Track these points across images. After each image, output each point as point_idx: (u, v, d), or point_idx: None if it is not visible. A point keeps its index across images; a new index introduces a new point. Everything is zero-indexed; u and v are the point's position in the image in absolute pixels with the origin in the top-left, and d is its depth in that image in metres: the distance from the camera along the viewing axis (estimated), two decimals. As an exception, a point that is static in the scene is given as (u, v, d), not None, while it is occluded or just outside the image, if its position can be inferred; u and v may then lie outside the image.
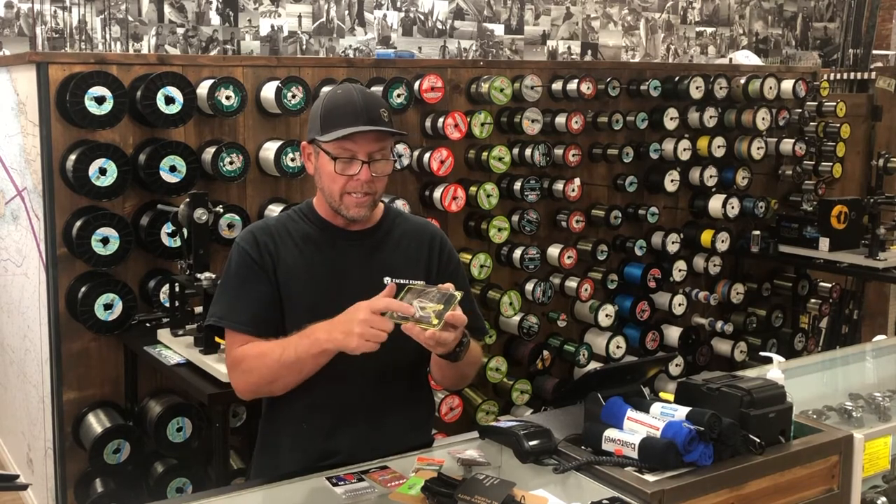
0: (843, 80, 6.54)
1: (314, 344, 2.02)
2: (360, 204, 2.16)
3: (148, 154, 3.50)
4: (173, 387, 3.59)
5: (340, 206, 2.17)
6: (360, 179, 2.13)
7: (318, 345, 2.02)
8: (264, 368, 2.11)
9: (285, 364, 2.07)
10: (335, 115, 2.13)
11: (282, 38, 5.98)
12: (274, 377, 2.11)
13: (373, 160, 2.13)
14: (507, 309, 4.24)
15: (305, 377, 2.11)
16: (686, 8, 7.78)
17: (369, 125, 2.11)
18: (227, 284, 2.23)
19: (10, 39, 5.18)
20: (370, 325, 1.92)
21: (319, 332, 2.02)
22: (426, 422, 2.40)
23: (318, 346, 2.02)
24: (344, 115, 2.12)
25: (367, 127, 2.10)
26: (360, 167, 2.12)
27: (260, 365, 2.12)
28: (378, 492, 1.95)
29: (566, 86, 4.42)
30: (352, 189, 2.14)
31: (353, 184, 2.13)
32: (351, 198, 2.15)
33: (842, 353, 3.64)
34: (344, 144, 2.12)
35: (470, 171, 4.30)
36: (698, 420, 1.91)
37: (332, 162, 2.13)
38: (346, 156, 2.12)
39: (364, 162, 2.12)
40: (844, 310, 5.40)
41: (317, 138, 2.15)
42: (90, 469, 3.56)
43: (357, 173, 2.12)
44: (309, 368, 2.08)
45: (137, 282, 3.64)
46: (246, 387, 2.19)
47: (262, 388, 2.18)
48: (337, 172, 2.13)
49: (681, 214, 5.02)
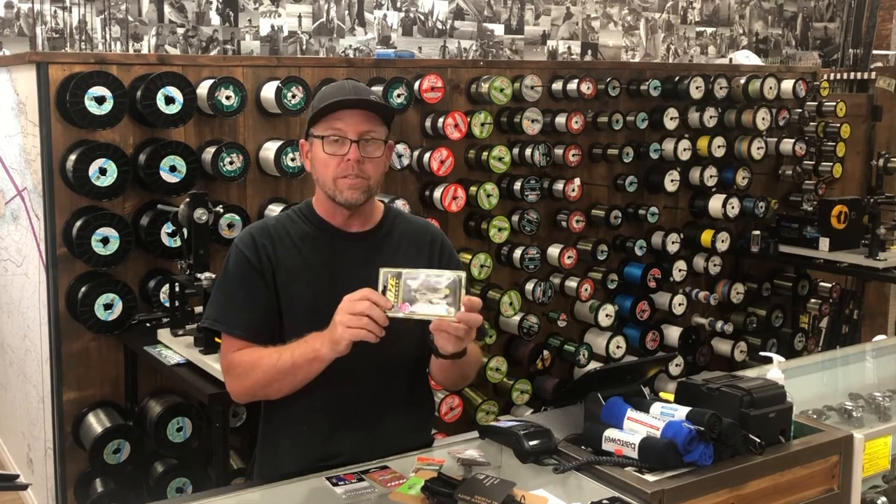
0: (843, 80, 6.54)
1: (309, 350, 2.03)
2: (353, 187, 2.15)
3: (148, 154, 3.50)
4: (173, 387, 3.59)
5: (335, 192, 2.16)
6: (350, 159, 2.12)
7: (312, 350, 2.02)
8: (259, 373, 2.11)
9: (281, 369, 2.08)
10: (324, 101, 2.16)
11: (282, 38, 5.98)
12: (268, 382, 2.11)
13: (363, 140, 2.13)
14: (507, 309, 4.24)
15: (300, 384, 2.10)
16: (686, 8, 7.78)
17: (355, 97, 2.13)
18: (224, 287, 2.22)
19: (10, 39, 5.18)
20: (349, 312, 1.93)
21: (314, 339, 2.03)
22: (426, 422, 2.40)
23: (312, 351, 2.02)
24: (332, 97, 2.15)
25: (352, 97, 2.12)
26: (350, 146, 2.12)
27: (255, 369, 2.12)
28: (378, 492, 1.95)
29: (566, 86, 4.42)
30: (343, 172, 2.13)
31: (343, 165, 2.13)
32: (344, 181, 2.15)
33: (842, 353, 3.64)
34: (333, 124, 2.13)
35: (470, 171, 4.30)
36: (698, 420, 1.91)
37: (322, 145, 2.14)
38: (335, 136, 2.13)
39: (353, 141, 2.12)
40: (844, 310, 5.40)
41: (310, 129, 2.18)
42: (90, 469, 3.56)
43: (346, 153, 2.12)
44: (303, 374, 2.08)
45: (137, 282, 3.64)
46: (241, 390, 2.19)
47: (258, 392, 2.17)
48: (327, 153, 2.13)
49: (681, 214, 5.02)
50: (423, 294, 1.93)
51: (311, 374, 2.07)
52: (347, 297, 1.97)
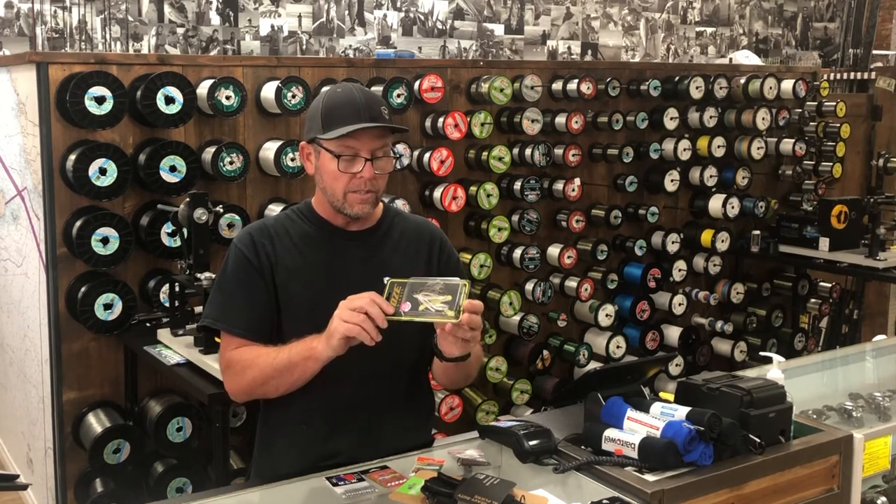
0: (843, 80, 6.54)
1: (305, 348, 2.04)
2: (364, 201, 2.16)
3: (148, 154, 3.50)
4: (173, 387, 3.59)
5: (344, 205, 2.17)
6: (364, 177, 2.13)
7: (308, 349, 2.03)
8: (256, 371, 2.12)
9: (277, 367, 2.09)
10: (337, 114, 2.13)
11: (282, 38, 5.98)
12: (265, 380, 2.12)
13: (375, 157, 2.13)
14: (507, 309, 4.24)
15: (297, 383, 2.11)
16: (686, 8, 7.78)
17: (371, 122, 2.11)
18: (223, 286, 2.23)
19: (10, 39, 5.18)
20: (348, 307, 1.95)
21: (312, 338, 2.04)
22: (426, 422, 2.40)
23: (308, 349, 2.03)
24: (346, 114, 2.12)
25: (370, 124, 2.10)
26: (364, 165, 2.12)
27: (252, 367, 2.13)
28: (378, 492, 1.95)
29: (566, 86, 4.42)
30: (355, 187, 2.14)
31: (356, 182, 2.13)
32: (355, 196, 2.15)
33: (842, 353, 3.64)
34: (346, 142, 2.12)
35: (470, 171, 4.30)
36: (698, 420, 1.91)
37: (334, 160, 2.13)
38: (349, 154, 2.12)
39: (367, 159, 2.12)
40: (844, 310, 5.40)
41: (318, 137, 2.15)
42: (90, 469, 3.56)
43: (360, 171, 2.12)
44: (300, 373, 2.08)
45: (137, 282, 3.64)
46: (238, 388, 2.20)
47: (255, 391, 2.18)
48: (340, 171, 2.13)
49: (681, 214, 5.02)
50: (426, 296, 1.94)
51: (308, 372, 2.07)
52: (350, 297, 1.98)
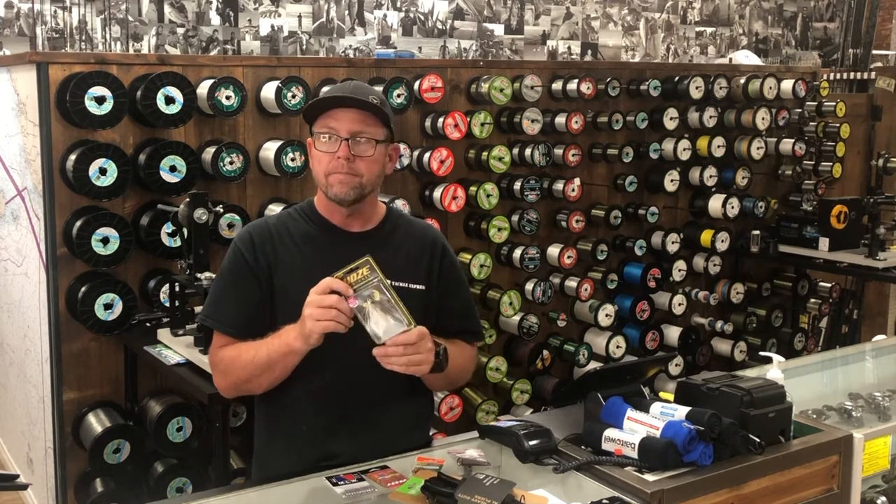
0: (843, 80, 6.54)
1: (282, 344, 2.08)
2: (343, 182, 2.17)
3: (148, 154, 3.50)
4: (173, 387, 3.59)
5: (327, 188, 2.20)
6: (340, 156, 2.14)
7: (285, 345, 2.07)
8: (239, 369, 2.16)
9: (258, 365, 2.12)
10: (324, 97, 2.20)
11: (282, 38, 5.98)
12: (248, 377, 2.16)
13: (354, 139, 2.15)
14: (507, 309, 4.24)
15: (280, 377, 2.15)
16: (686, 8, 7.78)
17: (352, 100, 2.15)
18: (219, 284, 2.28)
19: (10, 39, 5.18)
20: (317, 305, 1.97)
21: (287, 332, 2.07)
22: (425, 421, 2.40)
23: (286, 346, 2.07)
24: (330, 96, 2.19)
25: (344, 95, 2.15)
26: (340, 143, 2.14)
27: (235, 365, 2.17)
28: (378, 492, 1.95)
29: (566, 86, 4.42)
30: (334, 168, 2.16)
31: (334, 163, 2.16)
32: (334, 177, 2.17)
33: (842, 353, 3.63)
34: (327, 122, 2.16)
35: (470, 171, 4.30)
36: (698, 420, 1.92)
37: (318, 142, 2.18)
38: (327, 132, 2.16)
39: (345, 139, 2.15)
40: (844, 310, 5.41)
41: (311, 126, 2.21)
42: (90, 469, 3.56)
43: (336, 150, 2.15)
44: (280, 368, 2.12)
45: (137, 282, 3.64)
46: (225, 386, 2.25)
47: (242, 388, 2.22)
48: (320, 150, 2.18)
49: (681, 214, 5.02)
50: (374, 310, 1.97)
51: (289, 367, 2.12)
52: (313, 290, 2.00)
